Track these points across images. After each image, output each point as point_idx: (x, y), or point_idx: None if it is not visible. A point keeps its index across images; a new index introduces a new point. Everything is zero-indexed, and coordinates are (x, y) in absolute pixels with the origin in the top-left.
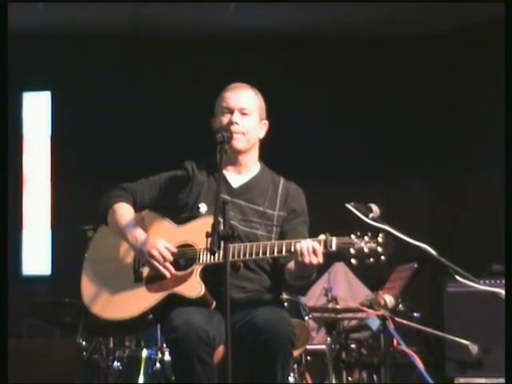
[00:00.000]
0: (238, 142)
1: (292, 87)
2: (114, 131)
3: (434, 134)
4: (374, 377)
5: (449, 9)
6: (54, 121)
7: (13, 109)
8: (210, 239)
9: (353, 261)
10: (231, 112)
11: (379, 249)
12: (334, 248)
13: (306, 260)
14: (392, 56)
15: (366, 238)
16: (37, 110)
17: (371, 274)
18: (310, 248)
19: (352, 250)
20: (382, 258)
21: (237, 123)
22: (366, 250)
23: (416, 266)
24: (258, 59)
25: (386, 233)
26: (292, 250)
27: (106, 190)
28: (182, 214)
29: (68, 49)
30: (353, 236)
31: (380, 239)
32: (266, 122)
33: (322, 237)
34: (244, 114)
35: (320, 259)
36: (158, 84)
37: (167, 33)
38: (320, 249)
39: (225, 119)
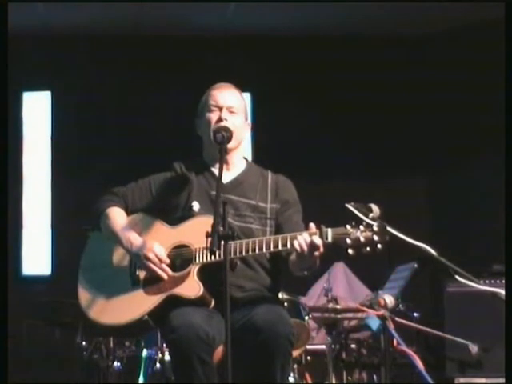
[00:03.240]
0: (230, 141)
1: (292, 87)
2: (113, 131)
3: (433, 133)
4: (374, 377)
5: (448, 9)
6: (53, 121)
7: (13, 109)
8: (209, 239)
9: (349, 251)
10: (220, 109)
11: (375, 237)
12: (329, 239)
13: (307, 254)
14: (392, 56)
15: (362, 228)
16: (37, 110)
17: (371, 274)
18: (308, 242)
19: (348, 240)
20: (379, 246)
21: (226, 120)
22: (362, 239)
23: (416, 265)
24: (258, 59)
25: (381, 220)
26: (288, 243)
27: (105, 190)
28: (175, 215)
29: (68, 49)
30: (348, 226)
31: (375, 228)
32: (249, 122)
33: (311, 225)
34: (232, 112)
35: (321, 250)
36: (157, 84)
37: (167, 33)
38: (319, 241)
39: (214, 116)
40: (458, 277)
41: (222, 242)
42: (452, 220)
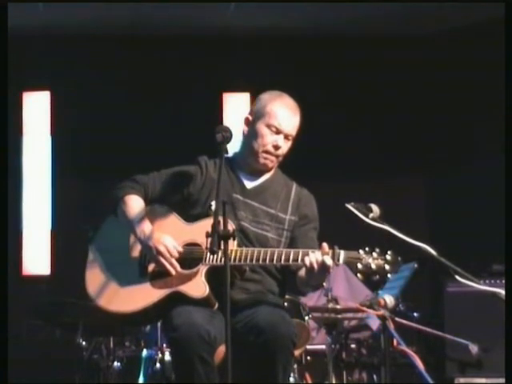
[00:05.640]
0: (271, 163)
1: (292, 87)
2: (113, 131)
3: (433, 133)
4: (374, 377)
5: (449, 9)
6: (53, 121)
7: (13, 109)
8: (210, 239)
9: (359, 275)
10: (278, 133)
11: (387, 267)
12: (341, 262)
13: (316, 272)
14: (391, 56)
15: (375, 255)
16: (37, 110)
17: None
18: (320, 261)
19: (359, 266)
20: (389, 276)
21: (281, 148)
22: (373, 266)
23: (416, 265)
24: (258, 59)
25: (394, 247)
26: (299, 259)
27: (105, 190)
28: (193, 210)
29: (68, 49)
30: (361, 251)
31: (388, 257)
32: None
33: (324, 245)
34: (287, 139)
35: (330, 271)
36: (157, 84)
37: (167, 33)
38: (330, 262)
39: (270, 138)
40: (458, 277)
41: (234, 245)
42: (452, 220)
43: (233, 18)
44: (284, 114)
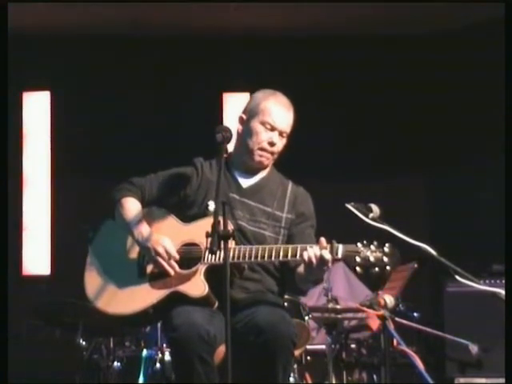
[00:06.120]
0: (267, 161)
1: (292, 87)
2: (113, 131)
3: (434, 133)
4: (374, 377)
5: (449, 9)
6: (53, 121)
7: (13, 109)
8: (209, 239)
9: (357, 269)
10: (272, 130)
11: (385, 259)
12: (340, 255)
13: (315, 267)
14: (392, 56)
15: (373, 247)
16: (37, 110)
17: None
18: (318, 255)
19: (358, 259)
20: (388, 268)
21: (276, 144)
22: (371, 259)
23: (416, 265)
24: (258, 59)
25: (393, 243)
26: (297, 254)
27: (105, 190)
28: (190, 211)
29: (68, 49)
30: (359, 244)
31: (386, 249)
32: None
33: (322, 240)
34: (282, 136)
35: (329, 265)
36: (157, 84)
37: (167, 33)
38: (328, 256)
39: (264, 136)
40: (458, 277)
41: (233, 244)
42: (452, 220)
43: (233, 18)
44: (278, 110)
